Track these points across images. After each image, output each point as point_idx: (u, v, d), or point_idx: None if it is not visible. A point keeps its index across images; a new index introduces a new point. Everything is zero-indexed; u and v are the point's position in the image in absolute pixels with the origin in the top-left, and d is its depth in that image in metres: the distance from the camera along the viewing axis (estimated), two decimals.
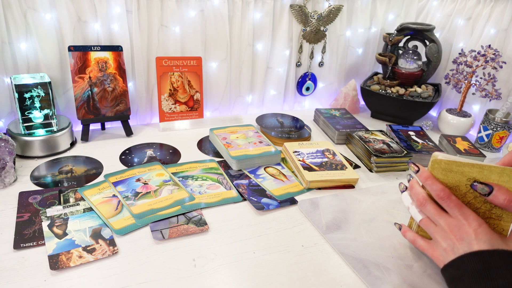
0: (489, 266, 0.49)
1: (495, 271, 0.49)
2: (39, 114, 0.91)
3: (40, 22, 0.92)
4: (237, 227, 0.71)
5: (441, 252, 0.57)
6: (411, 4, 1.38)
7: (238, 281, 0.59)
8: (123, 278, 0.58)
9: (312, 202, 0.78)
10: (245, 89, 1.24)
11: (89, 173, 0.85)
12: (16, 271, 0.58)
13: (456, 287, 0.52)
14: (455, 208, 0.56)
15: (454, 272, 0.53)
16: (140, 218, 0.70)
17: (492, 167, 0.54)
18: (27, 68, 0.95)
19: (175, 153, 0.97)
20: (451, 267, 0.54)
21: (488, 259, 0.50)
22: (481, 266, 0.50)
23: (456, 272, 0.52)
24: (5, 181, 0.78)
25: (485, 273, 0.49)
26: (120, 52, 0.98)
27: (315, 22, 1.23)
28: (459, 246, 0.54)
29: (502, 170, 0.54)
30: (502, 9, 1.12)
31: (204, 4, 1.07)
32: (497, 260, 0.50)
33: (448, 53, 1.29)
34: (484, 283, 0.48)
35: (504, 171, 0.54)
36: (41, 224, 0.67)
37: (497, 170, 0.54)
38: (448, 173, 0.57)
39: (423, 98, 1.19)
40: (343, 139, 1.09)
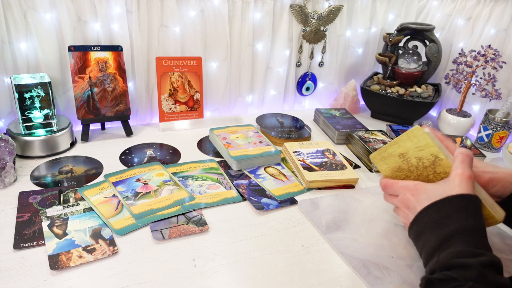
0: (443, 214, 0.53)
1: (447, 218, 0.53)
2: (39, 114, 0.91)
3: (40, 22, 0.92)
4: (237, 227, 0.71)
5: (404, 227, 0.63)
6: (411, 4, 1.38)
7: (238, 281, 0.59)
8: (123, 278, 0.58)
9: (312, 202, 0.78)
10: (245, 89, 1.24)
11: (89, 173, 0.85)
12: (16, 271, 0.58)
13: (419, 241, 0.56)
14: (392, 187, 0.64)
15: (417, 228, 0.57)
16: (140, 218, 0.70)
17: (401, 137, 0.63)
18: (27, 68, 0.95)
19: (175, 153, 0.97)
20: (414, 225, 0.58)
21: (441, 207, 0.54)
22: (436, 216, 0.54)
23: (418, 229, 0.57)
24: (5, 181, 0.78)
25: (440, 221, 0.53)
26: (120, 52, 0.98)
27: (315, 22, 1.23)
28: (408, 213, 0.60)
29: (406, 135, 0.63)
30: (502, 9, 1.12)
31: (204, 4, 1.07)
32: (448, 206, 0.54)
33: (448, 53, 1.29)
34: (439, 230, 0.52)
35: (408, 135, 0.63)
36: (41, 224, 0.67)
37: (404, 137, 0.63)
38: (385, 160, 0.67)
39: (423, 98, 1.19)
40: (343, 139, 1.09)
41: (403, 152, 0.64)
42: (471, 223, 0.51)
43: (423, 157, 0.62)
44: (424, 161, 0.62)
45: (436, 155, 0.61)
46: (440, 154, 0.61)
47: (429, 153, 0.62)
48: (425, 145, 0.62)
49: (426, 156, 0.62)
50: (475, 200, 0.54)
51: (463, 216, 0.52)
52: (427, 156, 0.62)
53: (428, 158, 0.62)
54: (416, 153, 0.63)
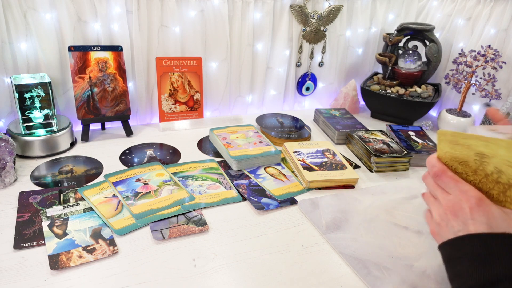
0: (490, 251, 0.47)
1: (495, 257, 0.46)
2: (39, 114, 0.91)
3: (40, 22, 0.92)
4: (237, 227, 0.71)
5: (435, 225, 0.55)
6: (411, 4, 1.38)
7: (238, 281, 0.59)
8: (123, 278, 0.58)
9: (312, 202, 0.79)
10: (245, 89, 1.24)
11: (89, 173, 0.85)
12: (16, 271, 0.58)
13: (453, 267, 0.50)
14: (450, 182, 0.53)
15: (453, 252, 0.50)
16: (140, 218, 0.70)
17: (499, 140, 0.49)
18: (27, 68, 0.95)
19: (175, 153, 0.97)
20: (449, 246, 0.51)
21: (489, 243, 0.47)
22: (481, 250, 0.47)
23: (455, 253, 0.50)
24: (5, 181, 0.78)
25: (485, 258, 0.46)
26: (120, 52, 0.98)
27: (315, 22, 1.23)
28: (453, 222, 0.51)
29: (508, 144, 0.48)
30: (502, 9, 1.12)
31: (204, 4, 1.07)
32: (499, 245, 0.47)
33: (448, 53, 1.29)
34: (484, 269, 0.46)
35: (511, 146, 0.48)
36: (41, 224, 0.67)
37: (504, 144, 0.48)
38: (455, 146, 0.53)
39: (423, 98, 1.19)
40: (343, 139, 1.10)
41: (486, 154, 0.50)
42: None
43: (506, 173, 0.50)
44: (502, 177, 0.50)
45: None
46: None
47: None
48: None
49: (510, 174, 0.49)
50: None
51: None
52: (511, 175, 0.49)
53: (510, 177, 0.50)
54: (502, 165, 0.50)
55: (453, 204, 0.52)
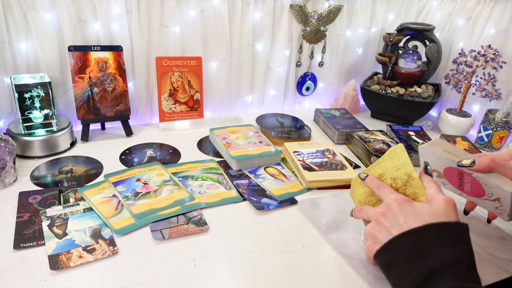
0: (421, 244, 0.48)
1: (428, 249, 0.47)
2: (39, 114, 0.91)
3: (40, 22, 0.92)
4: (237, 227, 0.71)
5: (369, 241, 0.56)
6: (411, 4, 1.38)
7: (238, 281, 0.59)
8: (123, 278, 0.58)
9: (312, 202, 0.78)
10: (245, 89, 1.24)
11: (89, 173, 0.85)
12: (16, 271, 0.58)
13: (392, 271, 0.50)
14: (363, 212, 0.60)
15: (388, 256, 0.51)
16: (140, 218, 0.70)
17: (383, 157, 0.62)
18: (27, 68, 0.95)
19: (175, 153, 0.97)
20: (383, 252, 0.52)
21: (419, 237, 0.48)
22: (413, 246, 0.48)
23: (389, 257, 0.51)
24: (5, 181, 0.78)
25: (419, 252, 0.47)
26: (120, 52, 0.98)
27: (315, 22, 1.23)
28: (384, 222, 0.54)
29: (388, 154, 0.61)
30: (502, 9, 1.12)
31: (204, 4, 1.07)
32: (428, 236, 0.48)
33: (448, 53, 1.29)
34: (421, 263, 0.47)
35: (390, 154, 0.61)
36: (41, 224, 0.67)
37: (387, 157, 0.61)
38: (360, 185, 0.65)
39: (423, 98, 1.19)
40: (343, 139, 1.09)
41: (382, 173, 0.61)
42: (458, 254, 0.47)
43: (398, 177, 0.58)
44: (397, 182, 0.58)
45: (410, 174, 0.57)
46: (414, 173, 0.57)
47: (404, 172, 0.58)
48: (403, 164, 0.58)
49: (400, 176, 0.58)
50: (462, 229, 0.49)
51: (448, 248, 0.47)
52: (401, 176, 0.58)
53: (402, 178, 0.58)
54: (392, 173, 0.59)
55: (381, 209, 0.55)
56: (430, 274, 0.46)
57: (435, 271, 0.45)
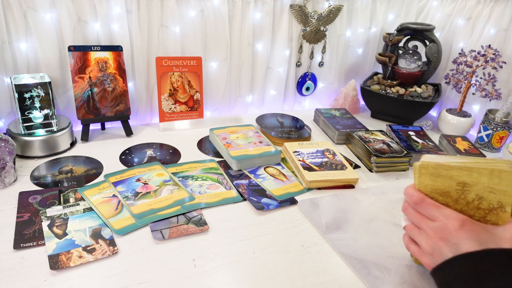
0: (479, 269, 0.46)
1: (485, 275, 0.45)
2: (39, 114, 0.91)
3: (40, 22, 0.92)
4: (237, 227, 0.71)
5: (428, 256, 0.53)
6: (411, 4, 1.38)
7: (238, 281, 0.59)
8: (123, 278, 0.58)
9: (312, 202, 0.78)
10: (245, 89, 1.24)
11: (89, 173, 0.85)
12: (16, 271, 0.58)
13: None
14: (433, 209, 0.53)
15: (443, 276, 0.49)
16: (140, 218, 0.70)
17: (481, 169, 0.51)
18: (27, 68, 0.95)
19: (175, 153, 0.97)
20: (439, 271, 0.50)
21: (477, 261, 0.46)
22: (470, 271, 0.46)
23: (444, 277, 0.49)
24: (5, 181, 0.78)
25: (475, 278, 0.46)
26: (120, 52, 0.98)
27: (315, 22, 1.23)
28: (445, 248, 0.50)
29: (490, 172, 0.51)
30: (502, 9, 1.12)
31: (204, 4, 1.07)
32: (487, 262, 0.46)
33: (448, 53, 1.29)
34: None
35: (493, 173, 0.50)
36: (41, 224, 0.67)
37: (486, 172, 0.51)
38: (436, 178, 0.54)
39: (423, 98, 1.19)
40: (343, 139, 1.09)
41: (468, 183, 0.52)
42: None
43: (486, 199, 0.51)
44: (483, 203, 0.51)
45: (504, 205, 0.51)
46: (508, 207, 0.50)
47: (497, 199, 0.51)
48: (502, 191, 0.50)
49: (490, 200, 0.51)
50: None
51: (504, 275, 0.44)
52: (492, 201, 0.51)
53: (491, 202, 0.51)
54: (483, 191, 0.51)
55: (441, 229, 0.51)
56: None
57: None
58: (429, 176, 0.54)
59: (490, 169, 0.51)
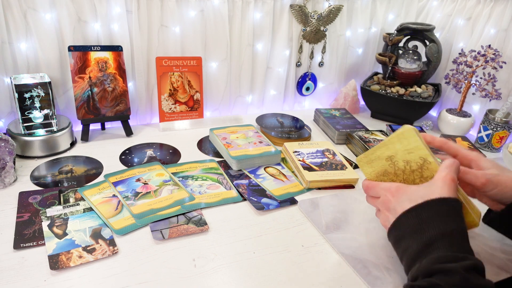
0: (422, 219, 0.52)
1: (427, 223, 0.51)
2: (39, 114, 0.91)
3: (40, 22, 0.92)
4: (237, 227, 0.71)
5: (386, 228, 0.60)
6: (411, 4, 1.38)
7: (238, 281, 0.59)
8: (123, 278, 0.58)
9: (312, 202, 0.78)
10: (245, 89, 1.24)
11: (89, 173, 0.85)
12: (16, 271, 0.58)
13: (399, 246, 0.55)
14: (373, 190, 0.62)
15: (396, 233, 0.56)
16: (140, 218, 0.70)
17: (390, 139, 0.61)
18: (27, 68, 0.95)
19: (175, 153, 0.97)
20: (391, 231, 0.57)
21: (420, 212, 0.53)
22: (415, 221, 0.53)
23: (397, 233, 0.56)
24: (5, 181, 0.78)
25: (420, 226, 0.52)
26: (120, 52, 0.98)
27: (315, 22, 1.23)
28: (390, 215, 0.58)
29: (396, 137, 0.60)
30: (502, 9, 1.12)
31: (204, 4, 1.07)
32: (428, 210, 0.52)
33: (448, 53, 1.29)
34: (420, 236, 0.51)
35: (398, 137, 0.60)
36: (41, 224, 0.67)
37: (394, 139, 0.60)
38: (371, 163, 0.64)
39: (423, 98, 1.19)
40: (343, 139, 1.09)
41: (391, 155, 0.61)
42: (452, 226, 0.50)
43: (411, 160, 0.60)
44: (412, 165, 0.60)
45: (425, 158, 0.58)
46: (429, 157, 0.58)
47: (418, 156, 0.59)
48: (415, 148, 0.59)
49: (414, 159, 0.59)
50: (456, 204, 0.53)
51: (443, 221, 0.51)
52: (416, 159, 0.59)
53: (416, 161, 0.59)
54: (404, 156, 0.60)
55: (383, 201, 0.60)
56: (425, 245, 0.50)
57: (430, 243, 0.50)
58: (366, 165, 0.65)
59: (395, 135, 0.60)
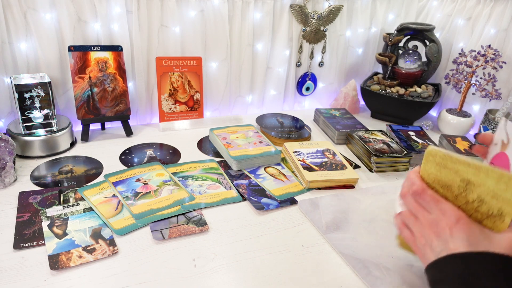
0: (471, 270, 0.46)
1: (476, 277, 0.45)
2: (39, 114, 0.91)
3: (40, 22, 0.92)
4: (237, 227, 0.71)
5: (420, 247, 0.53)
6: (411, 4, 1.38)
7: (238, 281, 0.59)
8: (123, 278, 0.58)
9: (312, 202, 0.78)
10: (245, 89, 1.24)
11: (89, 173, 0.85)
12: (16, 271, 0.58)
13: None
14: (431, 202, 0.52)
15: (436, 274, 0.49)
16: (140, 218, 0.70)
17: (489, 170, 0.47)
18: (27, 68, 0.95)
19: (175, 153, 0.97)
20: (433, 268, 0.50)
21: (469, 262, 0.46)
22: (462, 271, 0.46)
23: (437, 274, 0.49)
24: (5, 181, 0.78)
25: (466, 279, 0.45)
26: (120, 52, 0.98)
27: (315, 22, 1.23)
28: (436, 242, 0.50)
29: (499, 176, 0.47)
30: (502, 9, 1.12)
31: (204, 4, 1.07)
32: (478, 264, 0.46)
33: (448, 53, 1.29)
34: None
35: (501, 178, 0.47)
36: (41, 224, 0.67)
37: (495, 175, 0.47)
38: (442, 169, 0.51)
39: (423, 98, 1.19)
40: (343, 139, 1.09)
41: (473, 181, 0.49)
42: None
43: (488, 203, 0.49)
44: (482, 207, 0.49)
45: (504, 214, 0.48)
46: (508, 217, 0.48)
47: (498, 206, 0.48)
48: (506, 199, 0.47)
49: (491, 205, 0.48)
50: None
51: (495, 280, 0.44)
52: (492, 206, 0.48)
53: (490, 208, 0.48)
54: (485, 194, 0.48)
55: (435, 223, 0.51)
56: None
57: None
58: (434, 165, 0.52)
59: (500, 173, 0.47)
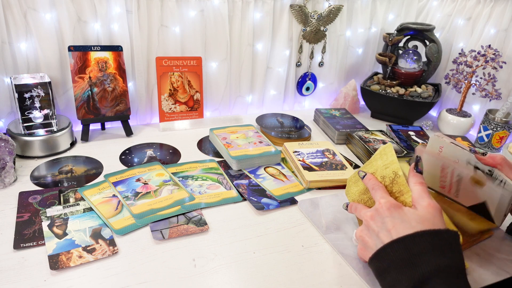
0: (412, 252, 0.48)
1: (418, 257, 0.47)
2: (39, 114, 0.91)
3: (40, 22, 0.92)
4: (237, 227, 0.71)
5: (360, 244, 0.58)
6: (411, 4, 1.38)
7: (238, 281, 0.59)
8: (123, 278, 0.58)
9: (312, 202, 0.78)
10: (245, 89, 1.24)
11: (89, 173, 0.85)
12: (16, 271, 0.58)
13: (384, 279, 0.51)
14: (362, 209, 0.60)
15: (380, 264, 0.51)
16: (140, 218, 0.70)
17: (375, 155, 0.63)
18: (27, 68, 0.95)
19: (175, 153, 0.97)
20: (376, 260, 0.52)
21: (410, 245, 0.48)
22: (404, 254, 0.48)
23: (381, 264, 0.51)
24: (5, 181, 0.78)
25: (409, 261, 0.47)
26: (120, 52, 0.98)
27: (315, 22, 1.23)
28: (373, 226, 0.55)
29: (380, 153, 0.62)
30: (502, 9, 1.12)
31: (204, 4, 1.07)
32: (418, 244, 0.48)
33: (448, 53, 1.29)
34: (410, 271, 0.47)
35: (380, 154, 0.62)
36: (41, 224, 0.67)
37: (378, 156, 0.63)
38: (357, 182, 0.66)
39: (423, 98, 1.19)
40: (343, 139, 1.09)
41: (373, 171, 0.62)
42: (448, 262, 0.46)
43: (386, 175, 0.60)
44: (386, 180, 0.60)
45: (396, 171, 0.58)
46: (399, 171, 0.58)
47: (391, 170, 0.59)
48: (390, 162, 0.59)
49: (388, 174, 0.59)
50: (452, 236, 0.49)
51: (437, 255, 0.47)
52: (389, 174, 0.59)
53: (389, 176, 0.59)
54: (382, 171, 0.61)
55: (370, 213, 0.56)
56: (419, 282, 0.46)
57: (425, 279, 0.45)
58: (353, 185, 0.67)
59: (378, 151, 0.63)
